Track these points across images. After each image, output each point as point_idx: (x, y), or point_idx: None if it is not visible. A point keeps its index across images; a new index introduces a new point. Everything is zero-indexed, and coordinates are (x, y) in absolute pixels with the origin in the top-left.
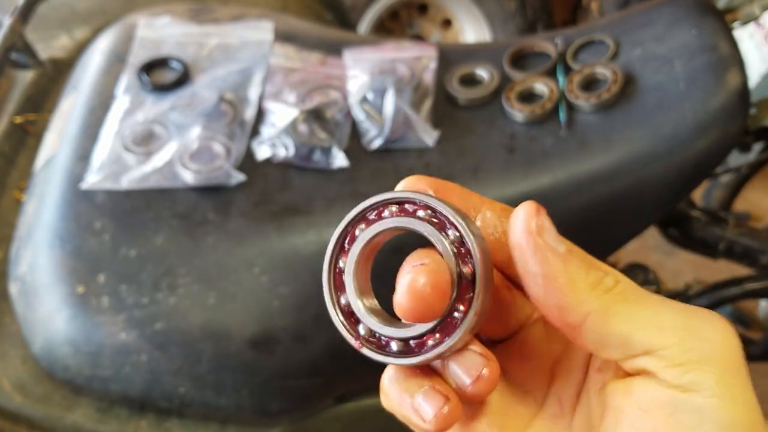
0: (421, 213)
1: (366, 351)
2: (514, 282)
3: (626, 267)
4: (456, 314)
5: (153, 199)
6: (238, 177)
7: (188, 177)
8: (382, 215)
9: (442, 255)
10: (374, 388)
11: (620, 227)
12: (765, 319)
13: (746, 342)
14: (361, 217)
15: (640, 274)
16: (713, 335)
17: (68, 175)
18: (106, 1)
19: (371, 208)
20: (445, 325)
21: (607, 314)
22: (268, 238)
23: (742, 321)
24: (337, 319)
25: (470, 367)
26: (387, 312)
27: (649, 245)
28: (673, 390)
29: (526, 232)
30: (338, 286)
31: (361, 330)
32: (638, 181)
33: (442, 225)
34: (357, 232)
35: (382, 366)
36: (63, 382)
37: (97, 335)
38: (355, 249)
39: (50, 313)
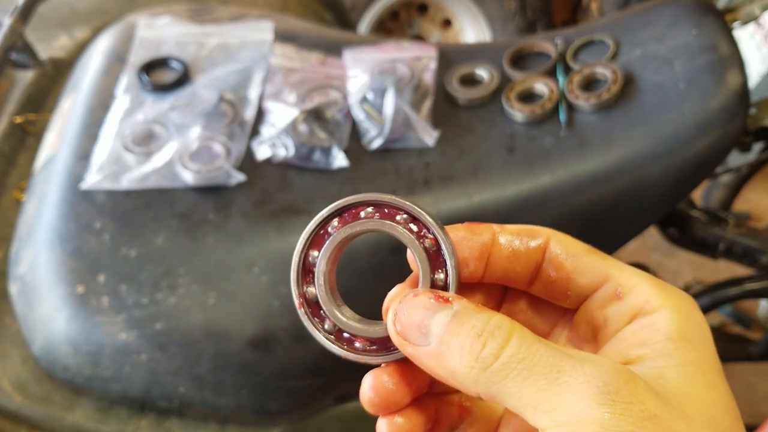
0: (399, 218)
1: (330, 344)
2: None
3: None
4: None
5: (153, 199)
6: (238, 177)
7: (188, 177)
8: (359, 216)
9: (417, 261)
10: None
11: (620, 227)
12: (765, 319)
13: (746, 342)
14: (337, 215)
15: None
16: (589, 416)
17: (68, 175)
18: (106, 1)
19: (348, 207)
20: None
21: (492, 396)
22: (268, 238)
23: (742, 321)
24: (302, 311)
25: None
26: (358, 312)
27: (649, 245)
28: None
29: (396, 341)
30: (306, 278)
31: (326, 325)
32: (638, 181)
33: (418, 232)
34: (330, 229)
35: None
36: (63, 382)
37: (97, 335)
38: (330, 244)
39: (50, 313)
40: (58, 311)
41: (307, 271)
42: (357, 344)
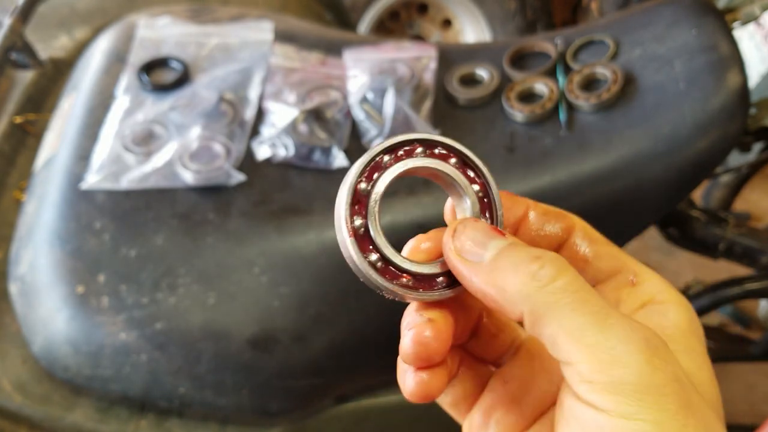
0: (451, 161)
1: (379, 277)
2: None
3: None
4: None
5: (153, 199)
6: (238, 177)
7: (188, 177)
8: (413, 153)
9: (468, 202)
10: (374, 388)
11: (620, 227)
12: (765, 319)
13: (746, 342)
14: (390, 151)
15: None
16: (632, 362)
17: (68, 175)
18: (106, 1)
19: (402, 144)
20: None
21: (537, 316)
22: (268, 238)
23: (742, 321)
24: (351, 239)
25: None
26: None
27: (649, 245)
28: (584, 405)
29: (447, 258)
30: (355, 210)
31: (373, 256)
32: (638, 181)
33: (469, 177)
34: (383, 164)
35: (382, 365)
36: (63, 382)
37: (97, 335)
38: (386, 178)
39: (50, 313)
40: (58, 311)
41: (354, 201)
42: (403, 280)
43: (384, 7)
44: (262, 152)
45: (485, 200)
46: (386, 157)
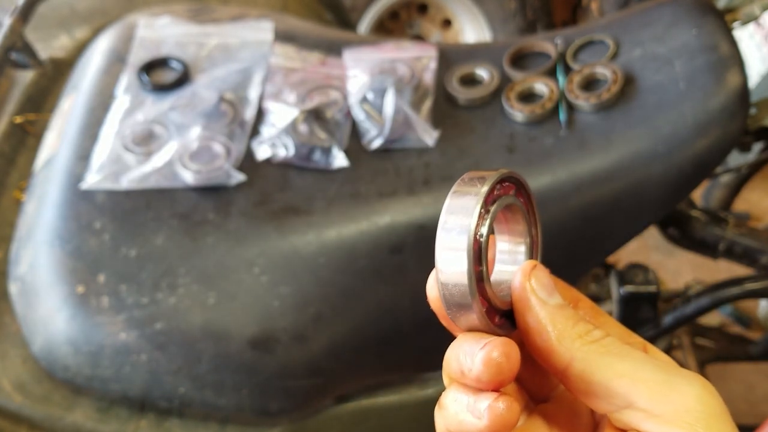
0: (513, 192)
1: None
2: None
3: (626, 267)
4: None
5: (153, 199)
6: (238, 177)
7: (188, 177)
8: (509, 191)
9: (524, 246)
10: (374, 388)
11: (620, 227)
12: (765, 319)
13: (746, 342)
14: (499, 182)
15: (640, 274)
16: (690, 390)
17: (68, 175)
18: (106, 1)
19: (499, 181)
20: None
21: (588, 362)
22: (268, 238)
23: (742, 321)
24: (477, 298)
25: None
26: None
27: (649, 245)
28: None
29: (521, 288)
30: (477, 258)
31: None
32: (638, 181)
33: (531, 222)
34: (490, 204)
35: (383, 365)
36: (63, 382)
37: (97, 335)
38: (491, 217)
39: (50, 313)
40: (58, 311)
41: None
42: (496, 319)
43: (384, 7)
44: (262, 152)
45: (534, 246)
46: (497, 188)
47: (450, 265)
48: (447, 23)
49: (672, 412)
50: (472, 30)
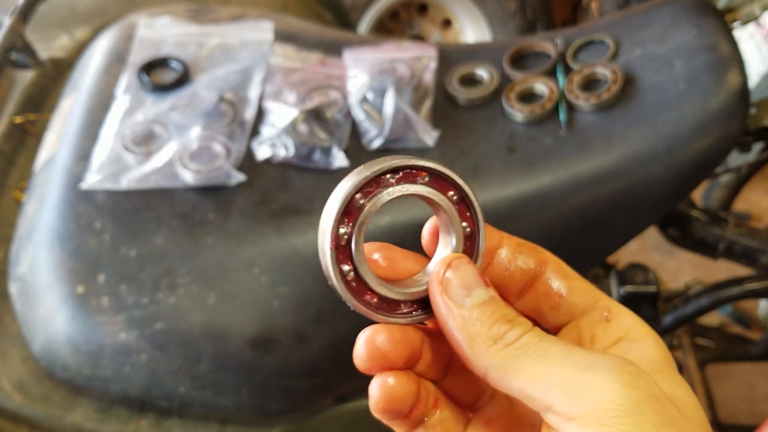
0: (450, 193)
1: (345, 292)
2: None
3: (626, 267)
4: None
5: (153, 199)
6: (238, 177)
7: (188, 177)
8: (416, 180)
9: (455, 238)
10: None
11: (620, 227)
12: (765, 319)
13: (746, 342)
14: (396, 172)
15: (640, 274)
16: (605, 386)
17: (68, 175)
18: (106, 1)
19: (408, 168)
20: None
21: (503, 369)
22: (268, 238)
23: (742, 321)
24: (330, 251)
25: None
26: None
27: (649, 245)
28: None
29: (432, 292)
30: (343, 219)
31: (345, 267)
32: (638, 181)
33: (462, 213)
34: (384, 182)
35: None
36: (63, 382)
37: (97, 335)
38: (383, 198)
39: (50, 313)
40: (58, 311)
41: (346, 211)
42: (367, 298)
43: (384, 7)
44: (262, 152)
45: (470, 238)
46: (389, 176)
47: (324, 267)
48: (447, 23)
49: (587, 412)
50: (472, 30)
